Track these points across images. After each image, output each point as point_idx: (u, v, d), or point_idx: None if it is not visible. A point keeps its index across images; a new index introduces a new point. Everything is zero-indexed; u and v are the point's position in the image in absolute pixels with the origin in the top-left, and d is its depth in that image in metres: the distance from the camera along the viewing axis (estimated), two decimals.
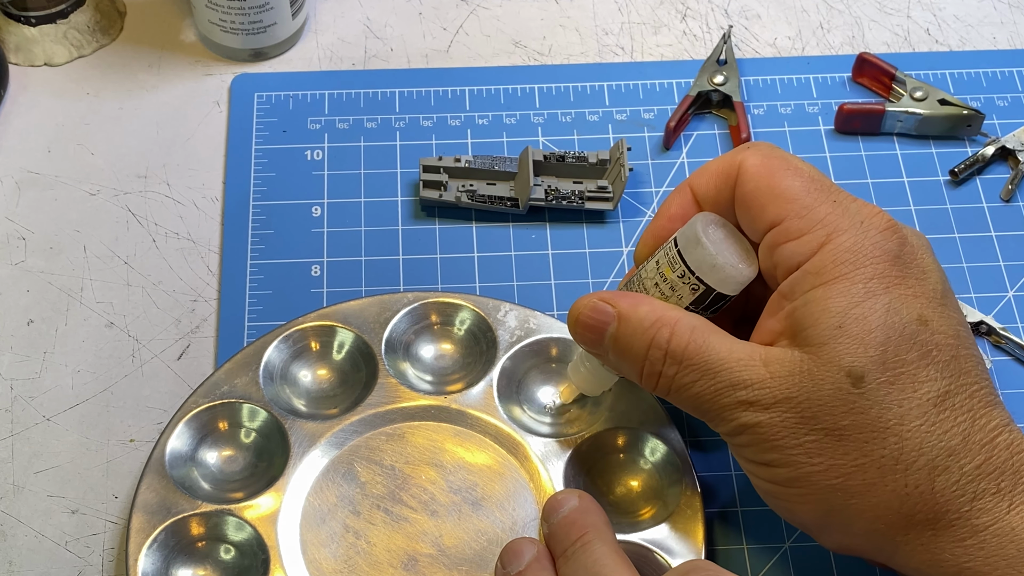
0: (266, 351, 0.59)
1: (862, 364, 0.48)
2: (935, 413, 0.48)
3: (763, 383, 0.49)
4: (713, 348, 0.50)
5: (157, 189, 0.67)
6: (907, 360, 0.48)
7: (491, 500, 0.57)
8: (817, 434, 0.48)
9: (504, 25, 0.75)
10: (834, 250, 0.49)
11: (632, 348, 0.51)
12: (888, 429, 0.48)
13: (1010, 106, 0.72)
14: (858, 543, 0.50)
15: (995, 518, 0.47)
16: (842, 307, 0.48)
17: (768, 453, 0.49)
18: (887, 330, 0.48)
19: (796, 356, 0.49)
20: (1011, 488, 0.48)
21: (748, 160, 0.52)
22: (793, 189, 0.51)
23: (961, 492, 0.47)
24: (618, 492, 0.57)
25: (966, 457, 0.48)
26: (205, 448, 0.58)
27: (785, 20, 0.76)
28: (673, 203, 0.55)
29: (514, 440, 0.58)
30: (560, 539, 0.52)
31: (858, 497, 0.48)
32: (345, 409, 0.59)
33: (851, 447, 0.48)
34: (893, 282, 0.49)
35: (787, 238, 0.50)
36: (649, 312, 0.51)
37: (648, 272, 0.54)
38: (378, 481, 0.57)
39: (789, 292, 0.50)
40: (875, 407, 0.48)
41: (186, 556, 0.55)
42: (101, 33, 0.73)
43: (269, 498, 0.56)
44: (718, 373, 0.50)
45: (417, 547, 0.55)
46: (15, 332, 0.62)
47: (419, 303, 0.61)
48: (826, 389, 0.48)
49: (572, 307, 0.53)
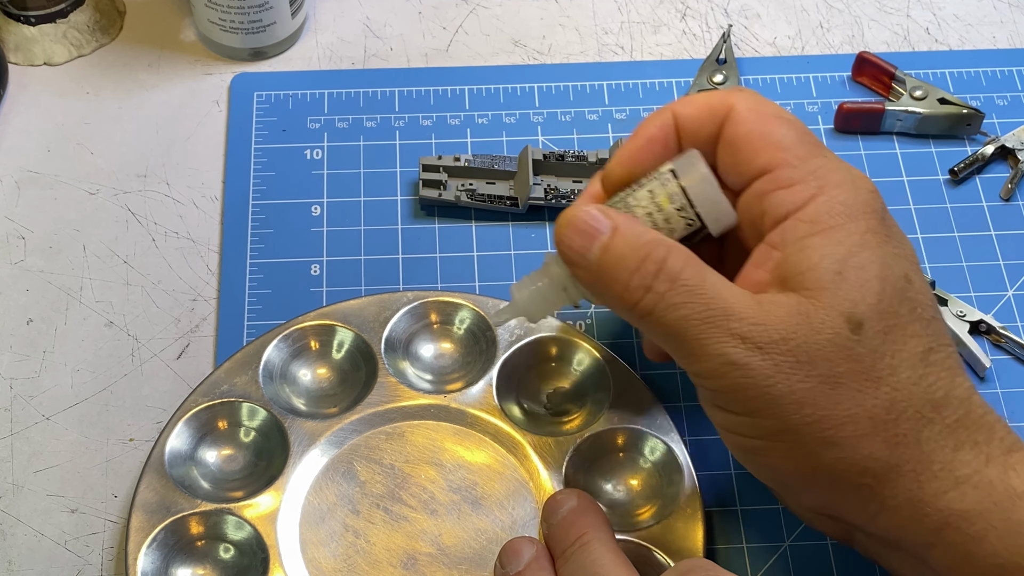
0: (266, 350, 0.59)
1: (861, 311, 0.47)
2: (922, 367, 0.48)
3: (759, 320, 0.47)
4: (708, 277, 0.48)
5: (157, 188, 0.67)
6: (899, 313, 0.48)
7: (491, 499, 0.57)
8: (812, 381, 0.47)
9: (504, 24, 0.75)
10: (829, 201, 0.49)
11: (623, 260, 0.49)
12: (881, 379, 0.47)
13: (1010, 105, 0.72)
14: (842, 500, 0.49)
15: (975, 470, 0.47)
16: (841, 254, 0.48)
17: (753, 401, 0.47)
18: (883, 282, 0.48)
19: (793, 299, 0.48)
20: (987, 442, 0.48)
21: (741, 102, 0.51)
22: (788, 138, 0.50)
23: (944, 443, 0.47)
24: (618, 491, 0.57)
25: (948, 410, 0.48)
26: (205, 447, 0.58)
27: (785, 19, 0.76)
28: (653, 125, 0.53)
29: (514, 439, 0.58)
30: (559, 539, 0.52)
31: (849, 450, 0.47)
32: (345, 408, 0.59)
33: (844, 396, 0.47)
34: (883, 239, 0.49)
35: (778, 186, 0.50)
36: (647, 231, 0.50)
37: (640, 200, 0.52)
38: (377, 480, 0.57)
39: (779, 242, 0.49)
40: (870, 355, 0.47)
41: (185, 555, 0.55)
42: (101, 32, 0.73)
43: (268, 497, 0.56)
44: (712, 299, 0.48)
45: (416, 546, 0.55)
46: (14, 331, 0.62)
47: (419, 302, 0.61)
48: (825, 334, 0.47)
49: (563, 212, 0.51)
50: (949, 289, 0.64)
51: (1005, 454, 0.48)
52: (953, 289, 0.64)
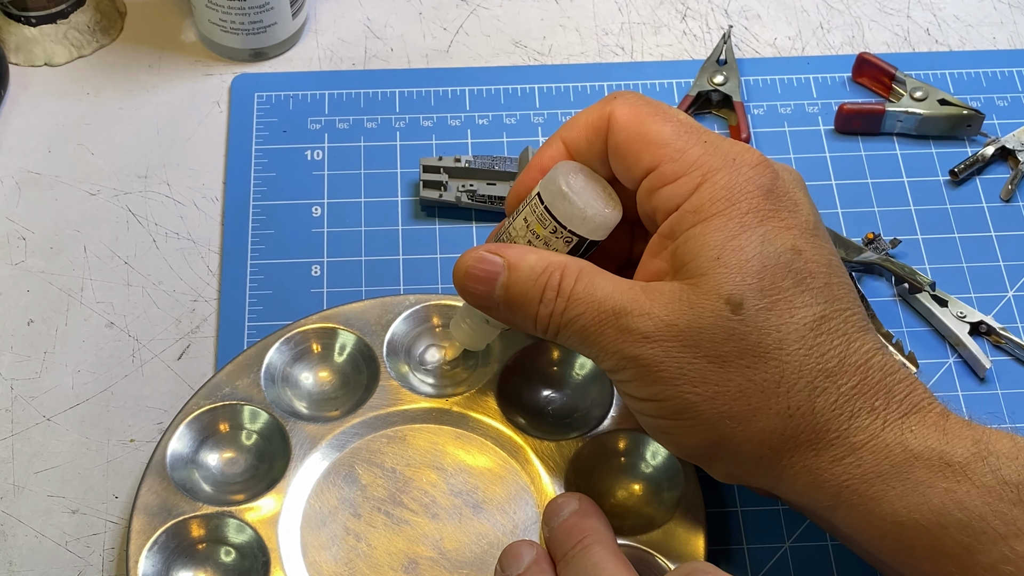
0: (267, 353, 0.59)
1: (740, 292, 0.49)
2: (812, 337, 0.49)
3: (644, 311, 0.50)
4: (598, 284, 0.51)
5: (157, 189, 0.67)
6: (783, 287, 0.49)
7: (492, 503, 0.57)
8: (700, 361, 0.49)
9: (504, 25, 0.75)
10: (710, 188, 0.50)
11: (527, 294, 0.52)
12: (768, 353, 0.49)
13: (1010, 106, 0.72)
14: (747, 471, 0.51)
15: (871, 435, 0.49)
16: (719, 240, 0.50)
17: (652, 386, 0.50)
18: (763, 259, 0.49)
19: (676, 287, 0.50)
20: (884, 407, 0.49)
21: (617, 110, 0.53)
22: (664, 134, 0.52)
23: (840, 411, 0.49)
24: (619, 496, 0.57)
25: (842, 378, 0.49)
26: (206, 450, 0.58)
27: (785, 20, 0.76)
28: (545, 155, 0.55)
29: (515, 443, 0.58)
30: (560, 543, 0.52)
31: (744, 423, 0.49)
32: (346, 411, 0.59)
33: (733, 373, 0.49)
34: (767, 215, 0.50)
35: (663, 182, 0.51)
36: (538, 259, 0.52)
37: (518, 229, 0.54)
38: (379, 484, 0.57)
39: (669, 232, 0.51)
40: (755, 332, 0.49)
41: (187, 558, 0.55)
42: (101, 33, 0.73)
43: (270, 500, 0.56)
44: (602, 303, 0.50)
45: (418, 550, 0.55)
46: (15, 332, 0.62)
47: (421, 305, 0.61)
48: (707, 317, 0.49)
49: (457, 263, 0.53)
50: (949, 290, 0.64)
51: (902, 417, 0.49)
52: (953, 290, 0.64)
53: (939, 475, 0.48)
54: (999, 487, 0.47)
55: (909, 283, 0.64)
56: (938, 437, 0.49)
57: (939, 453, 0.48)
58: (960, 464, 0.48)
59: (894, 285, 0.65)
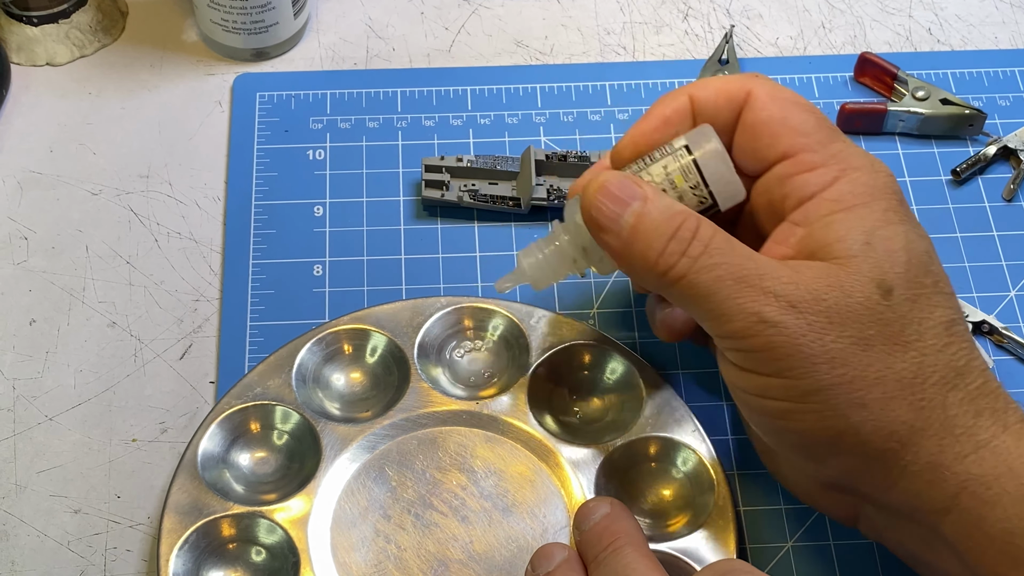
0: (299, 353, 0.59)
1: (891, 278, 0.49)
2: (946, 335, 0.49)
3: (791, 279, 0.49)
4: (738, 243, 0.50)
5: (159, 189, 0.67)
6: (924, 283, 0.50)
7: (522, 507, 0.56)
8: (844, 341, 0.48)
9: (506, 25, 0.75)
10: (852, 182, 0.51)
11: (658, 226, 0.50)
12: (910, 343, 0.49)
13: (1012, 106, 0.72)
14: (864, 469, 0.50)
15: (993, 435, 0.49)
16: (868, 227, 0.50)
17: (785, 360, 0.48)
18: (909, 253, 0.50)
19: (822, 265, 0.49)
20: (1004, 410, 0.49)
21: (760, 88, 0.53)
22: (808, 124, 0.52)
23: (967, 409, 0.49)
24: (650, 501, 0.57)
25: (969, 377, 0.49)
26: (237, 449, 0.58)
27: (787, 20, 0.76)
28: (669, 107, 0.54)
29: (546, 447, 0.58)
30: (591, 545, 0.51)
31: (877, 412, 0.48)
32: (377, 413, 0.58)
33: (875, 358, 0.48)
34: (904, 216, 0.51)
35: (801, 169, 0.51)
36: (672, 203, 0.51)
37: (653, 176, 0.52)
38: (409, 486, 0.57)
39: (803, 219, 0.51)
40: (900, 320, 0.49)
41: (217, 557, 0.55)
42: (103, 33, 0.73)
43: (300, 501, 0.56)
44: (743, 260, 0.49)
45: (447, 553, 0.55)
46: (17, 332, 0.62)
47: (452, 308, 0.61)
48: (856, 297, 0.48)
49: (594, 180, 0.51)
50: None
51: (1020, 422, 0.49)
52: (956, 290, 0.64)
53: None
54: None
55: None
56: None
57: None
58: None
59: None
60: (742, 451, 0.59)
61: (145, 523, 0.57)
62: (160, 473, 0.58)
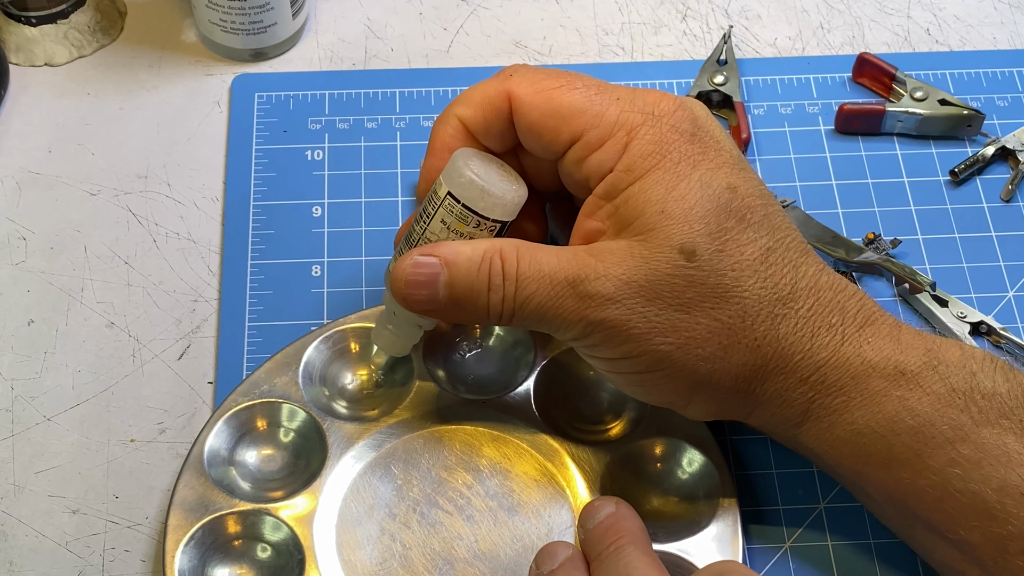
0: (306, 351, 0.59)
1: (691, 240, 0.51)
2: (763, 269, 0.52)
3: (600, 274, 0.51)
4: (542, 258, 0.52)
5: (158, 189, 0.67)
6: (728, 227, 0.51)
7: (527, 507, 0.56)
8: (667, 312, 0.51)
9: (504, 25, 0.75)
10: (639, 144, 0.52)
11: (472, 287, 0.52)
12: (728, 292, 0.51)
13: (1010, 106, 0.72)
14: (723, 406, 0.53)
15: (832, 352, 0.52)
16: (660, 194, 0.51)
17: (624, 344, 0.51)
18: (704, 204, 0.51)
19: (625, 244, 0.51)
20: (840, 322, 0.52)
21: (517, 89, 0.54)
22: (577, 103, 0.53)
23: (801, 333, 0.52)
24: (655, 501, 0.57)
25: (798, 302, 0.52)
26: (243, 447, 0.58)
27: (785, 20, 0.76)
28: (444, 135, 0.56)
29: (551, 447, 0.58)
30: (595, 543, 0.52)
31: (719, 361, 0.51)
32: (383, 411, 0.59)
33: (700, 316, 0.51)
34: (697, 159, 0.52)
35: (590, 149, 0.53)
36: (472, 249, 0.52)
37: (437, 233, 0.53)
38: (415, 484, 0.57)
39: (605, 193, 0.52)
40: (712, 275, 0.51)
41: (223, 554, 0.55)
42: (102, 33, 0.73)
43: (306, 499, 0.56)
44: (553, 276, 0.51)
45: (452, 551, 0.55)
46: (16, 332, 0.62)
47: None
48: (664, 268, 0.51)
49: (393, 275, 0.53)
50: (950, 290, 0.64)
51: (858, 330, 0.52)
52: (954, 290, 0.64)
53: (893, 384, 0.51)
54: (948, 394, 0.50)
55: (909, 283, 0.64)
56: (892, 347, 0.52)
57: (894, 363, 0.51)
58: (913, 372, 0.51)
59: (894, 285, 0.65)
60: (741, 451, 0.59)
61: (143, 523, 0.57)
62: (159, 473, 0.58)
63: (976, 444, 0.49)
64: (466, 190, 0.53)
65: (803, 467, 0.59)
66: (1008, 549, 0.49)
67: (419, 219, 0.54)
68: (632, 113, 0.53)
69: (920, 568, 0.56)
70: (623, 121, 0.52)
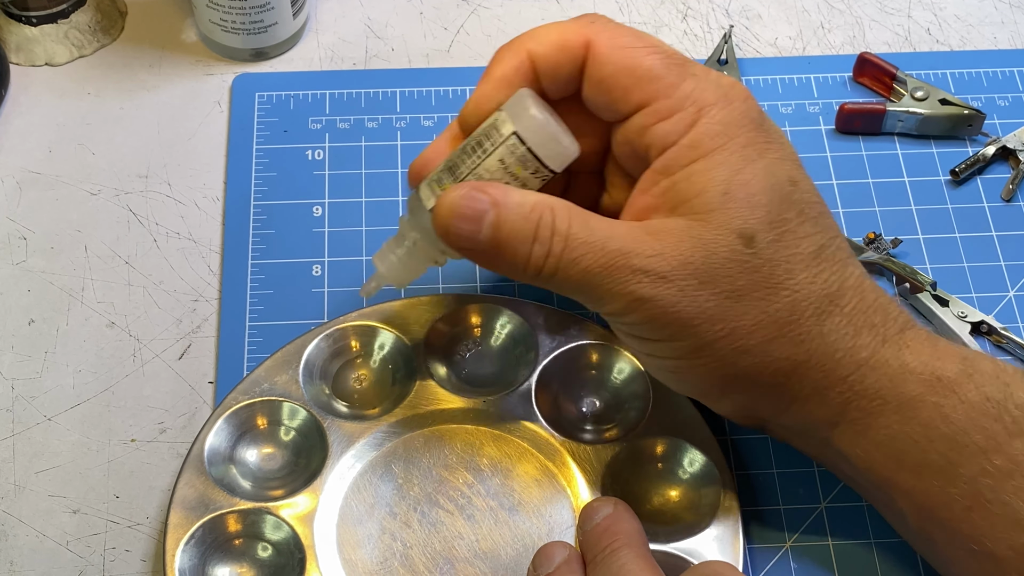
0: (306, 349, 0.59)
1: (751, 226, 0.50)
2: (815, 264, 0.51)
3: (655, 251, 0.49)
4: (595, 224, 0.50)
5: (158, 189, 0.67)
6: (788, 219, 0.51)
7: (528, 506, 0.56)
8: (717, 298, 0.49)
9: (505, 25, 0.75)
10: (708, 123, 0.51)
11: (518, 232, 0.50)
12: (780, 284, 0.50)
13: (1011, 106, 0.72)
14: (757, 402, 0.52)
15: (872, 352, 0.51)
16: (725, 175, 0.50)
17: (668, 327, 0.50)
18: (769, 192, 0.50)
19: (683, 223, 0.50)
20: (882, 323, 0.51)
21: (598, 39, 0.52)
22: (655, 68, 0.52)
23: (845, 331, 0.51)
24: (655, 501, 0.57)
25: (843, 300, 0.51)
26: (244, 445, 0.58)
27: (786, 20, 0.76)
28: (509, 66, 0.53)
29: (552, 446, 0.58)
30: (591, 545, 0.52)
31: (760, 355, 0.50)
32: (384, 410, 0.59)
33: (749, 306, 0.50)
34: (764, 148, 0.51)
35: (658, 118, 0.51)
36: (523, 197, 0.50)
37: (491, 171, 0.51)
38: (415, 483, 0.57)
39: (664, 168, 0.51)
40: (767, 265, 0.50)
41: (223, 553, 0.55)
42: (102, 33, 0.73)
43: (306, 497, 0.56)
44: (605, 243, 0.49)
45: (453, 551, 0.55)
46: (16, 332, 0.62)
47: (460, 306, 0.61)
48: (721, 252, 0.49)
49: (440, 202, 0.51)
50: (950, 290, 0.64)
51: (899, 333, 0.51)
52: (954, 290, 0.64)
53: (930, 389, 0.50)
54: (982, 403, 0.49)
55: (910, 283, 0.64)
56: (931, 353, 0.51)
57: (931, 368, 0.50)
58: (949, 379, 0.50)
59: (895, 285, 0.65)
60: (742, 451, 0.59)
61: (144, 523, 0.57)
62: (159, 473, 0.58)
63: (1009, 455, 0.48)
64: (536, 135, 0.51)
65: (804, 467, 0.59)
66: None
67: (471, 151, 0.52)
68: (706, 91, 0.51)
69: (921, 568, 0.56)
70: (696, 97, 0.51)
